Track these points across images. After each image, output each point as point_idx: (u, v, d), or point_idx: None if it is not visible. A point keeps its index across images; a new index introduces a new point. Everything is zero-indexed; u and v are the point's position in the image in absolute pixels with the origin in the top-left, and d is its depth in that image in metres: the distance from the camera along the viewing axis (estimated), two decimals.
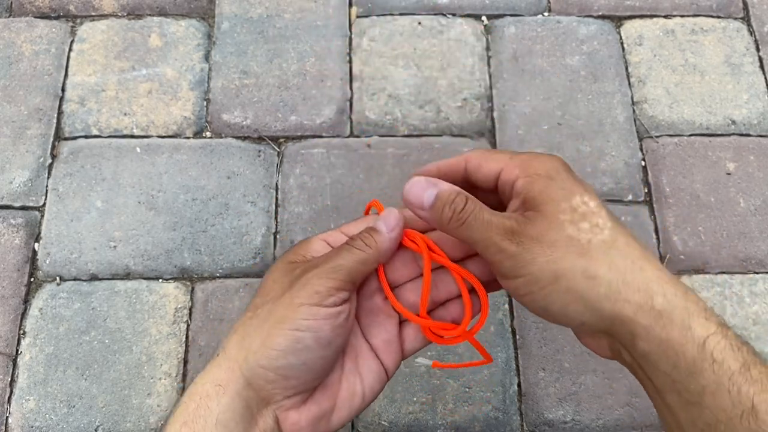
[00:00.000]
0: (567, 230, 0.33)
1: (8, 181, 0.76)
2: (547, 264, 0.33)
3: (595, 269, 0.33)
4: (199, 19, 0.86)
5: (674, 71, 0.83)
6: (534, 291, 0.34)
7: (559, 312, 0.34)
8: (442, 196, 0.36)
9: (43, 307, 0.70)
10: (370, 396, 0.39)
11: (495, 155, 0.38)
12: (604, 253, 0.33)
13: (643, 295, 0.32)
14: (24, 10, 0.85)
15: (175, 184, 0.76)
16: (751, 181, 0.78)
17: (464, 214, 0.35)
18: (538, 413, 0.67)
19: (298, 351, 0.34)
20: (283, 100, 0.81)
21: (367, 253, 0.37)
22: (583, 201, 0.34)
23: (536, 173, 0.35)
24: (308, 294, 0.35)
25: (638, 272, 0.33)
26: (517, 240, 0.33)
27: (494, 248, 0.34)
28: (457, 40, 0.85)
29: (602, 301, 0.32)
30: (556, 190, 0.35)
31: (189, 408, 0.34)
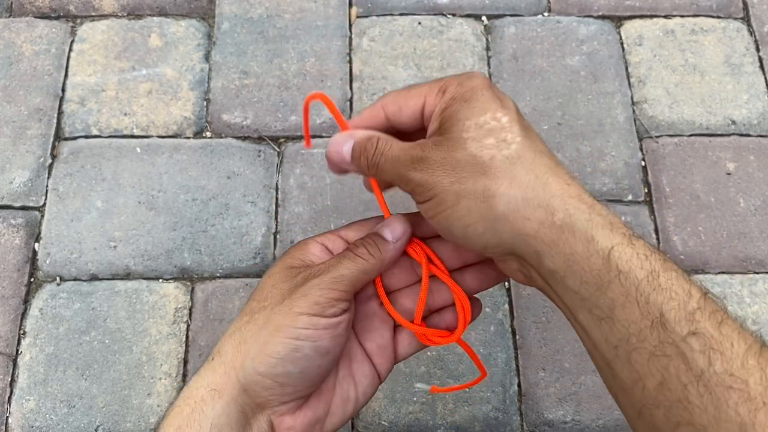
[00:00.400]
0: (470, 148, 0.33)
1: (8, 181, 0.76)
2: (450, 185, 0.33)
3: (495, 187, 0.32)
4: (199, 19, 0.86)
5: (674, 71, 0.83)
6: (439, 212, 0.33)
7: (460, 233, 0.33)
8: (357, 146, 0.36)
9: (43, 307, 0.70)
10: (363, 401, 0.39)
11: (413, 91, 0.36)
12: (506, 170, 0.32)
13: (543, 212, 0.31)
14: (24, 10, 0.85)
15: (175, 184, 0.76)
16: (751, 181, 0.78)
17: (376, 157, 0.35)
18: (538, 413, 0.67)
19: (297, 359, 0.34)
20: (283, 100, 0.81)
21: (370, 263, 0.36)
22: (493, 117, 0.33)
23: (453, 96, 0.34)
24: (308, 304, 0.34)
25: (541, 188, 0.32)
26: (421, 167, 0.33)
27: (403, 180, 0.34)
28: (457, 40, 0.85)
29: (500, 220, 0.32)
30: (466, 110, 0.34)
31: (184, 412, 0.34)
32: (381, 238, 0.37)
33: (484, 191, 0.32)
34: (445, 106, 0.34)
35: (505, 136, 0.33)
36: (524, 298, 0.72)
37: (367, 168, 0.36)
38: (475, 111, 0.33)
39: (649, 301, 0.29)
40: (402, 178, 0.34)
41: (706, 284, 0.73)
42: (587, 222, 0.31)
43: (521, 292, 0.72)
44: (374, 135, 0.36)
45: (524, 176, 0.32)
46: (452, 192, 0.32)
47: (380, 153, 0.35)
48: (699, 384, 0.27)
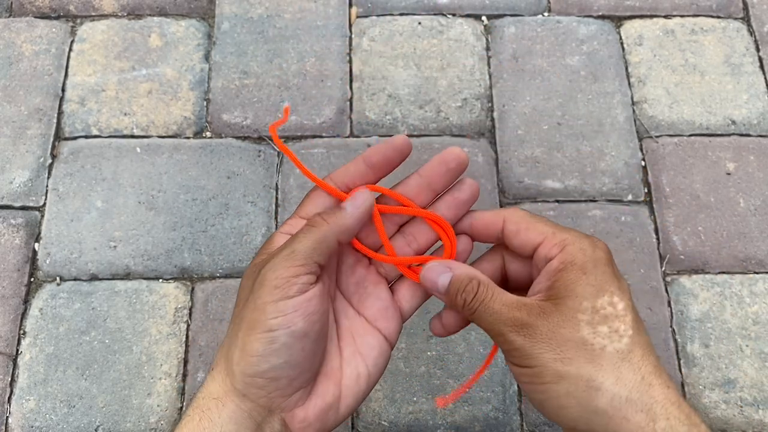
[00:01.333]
0: (582, 331, 0.32)
1: (8, 181, 0.76)
2: (553, 362, 0.32)
3: (601, 380, 0.31)
4: (199, 19, 0.86)
5: (674, 71, 0.83)
6: (535, 384, 0.33)
7: (553, 411, 0.33)
8: (454, 282, 0.36)
9: (43, 307, 0.70)
10: (376, 373, 0.38)
11: (537, 224, 0.36)
12: (614, 365, 0.32)
13: (644, 417, 0.31)
14: (24, 10, 0.85)
15: (175, 184, 0.76)
16: (751, 181, 0.78)
17: (474, 303, 0.35)
18: (538, 413, 0.67)
19: (276, 351, 0.33)
20: (283, 100, 0.81)
21: (324, 229, 0.35)
22: (610, 302, 0.33)
23: (572, 261, 0.34)
24: (269, 290, 0.33)
25: (645, 390, 0.31)
26: (524, 332, 0.33)
27: (502, 339, 0.34)
28: (457, 40, 0.85)
29: (600, 414, 0.31)
30: (584, 286, 0.33)
31: (194, 420, 0.34)
32: (338, 207, 0.36)
33: (589, 381, 0.31)
34: (561, 267, 0.34)
35: (618, 327, 0.32)
36: None
37: (461, 309, 0.35)
38: (593, 290, 0.33)
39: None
40: (500, 336, 0.34)
41: (706, 284, 0.73)
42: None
43: None
44: (476, 277, 0.35)
45: (630, 375, 0.32)
46: (554, 370, 0.32)
47: (479, 300, 0.35)
48: None
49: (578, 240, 0.35)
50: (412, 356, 0.69)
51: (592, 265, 0.34)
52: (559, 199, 0.76)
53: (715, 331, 0.71)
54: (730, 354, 0.70)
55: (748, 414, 0.67)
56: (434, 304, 0.71)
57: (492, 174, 0.77)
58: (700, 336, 0.70)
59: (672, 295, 0.72)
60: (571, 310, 0.33)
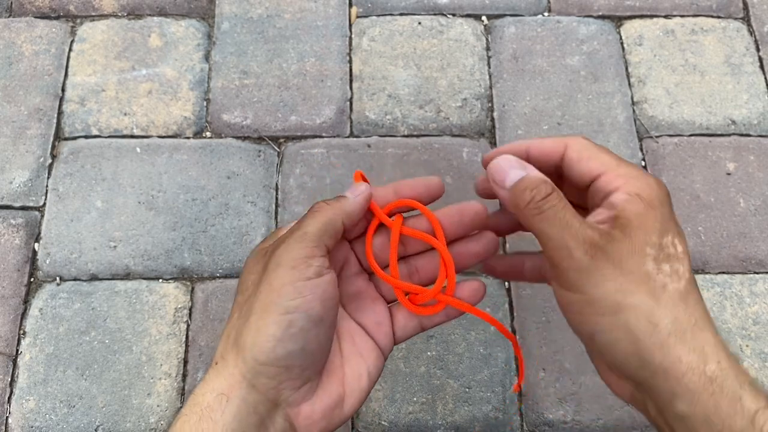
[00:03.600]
0: (648, 265, 0.31)
1: (8, 181, 0.76)
2: (614, 292, 0.31)
3: (661, 316, 0.31)
4: (199, 19, 0.86)
5: (674, 71, 0.83)
6: (588, 314, 0.32)
7: (606, 344, 0.32)
8: (527, 179, 0.34)
9: (43, 307, 0.70)
10: (375, 374, 0.38)
11: (601, 154, 0.35)
12: (674, 303, 0.31)
13: (697, 357, 0.30)
14: (24, 10, 0.85)
15: (175, 184, 0.76)
16: (751, 181, 0.78)
17: (545, 204, 0.33)
18: (538, 413, 0.67)
19: (293, 335, 0.32)
20: (283, 100, 0.81)
21: (328, 213, 0.35)
22: (673, 242, 0.32)
23: (639, 194, 0.33)
24: (285, 271, 0.33)
25: (698, 333, 0.31)
26: (593, 253, 0.31)
27: (565, 252, 0.32)
28: (457, 40, 0.85)
29: (655, 350, 0.31)
30: (652, 221, 0.32)
31: (191, 420, 0.33)
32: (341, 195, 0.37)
33: (649, 315, 0.31)
34: (628, 198, 0.33)
35: (678, 268, 0.32)
36: (524, 299, 0.72)
37: (526, 205, 0.33)
38: (660, 226, 0.32)
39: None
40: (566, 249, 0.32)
41: (706, 284, 0.73)
42: (736, 380, 0.30)
43: (521, 293, 0.72)
44: (551, 183, 0.34)
45: (686, 317, 0.31)
46: (613, 300, 0.31)
47: (551, 203, 0.33)
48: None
49: (644, 175, 0.34)
50: (412, 356, 0.69)
51: (659, 202, 0.33)
52: None
53: None
54: None
55: None
56: None
57: None
58: None
59: None
60: (640, 242, 0.32)
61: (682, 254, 0.32)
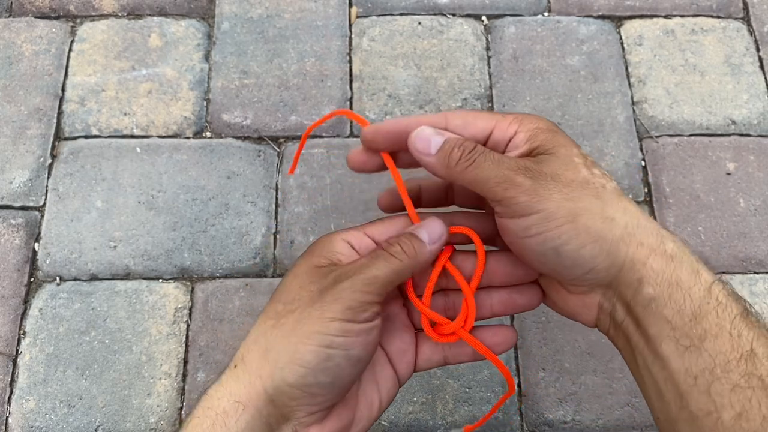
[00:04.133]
0: (582, 172, 0.33)
1: (8, 181, 0.76)
2: (564, 201, 0.32)
3: (613, 212, 0.33)
4: (199, 19, 0.86)
5: (674, 71, 0.83)
6: (549, 229, 0.32)
7: (573, 252, 0.32)
8: (451, 139, 0.35)
9: (43, 307, 0.70)
10: (386, 404, 0.38)
11: (481, 114, 0.36)
12: (617, 198, 0.33)
13: (655, 239, 0.32)
14: (24, 10, 0.85)
15: (175, 184, 0.76)
16: (751, 181, 0.78)
17: (474, 154, 0.34)
18: (538, 413, 0.67)
19: (328, 369, 0.32)
20: (283, 100, 0.81)
21: (404, 263, 0.34)
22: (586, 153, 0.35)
23: (537, 127, 0.35)
24: (341, 308, 0.32)
25: (646, 221, 0.33)
26: (531, 174, 0.33)
27: (507, 183, 0.33)
28: (457, 40, 0.85)
29: (618, 242, 0.32)
30: (563, 138, 0.35)
31: (204, 424, 0.33)
32: (417, 239, 0.35)
33: (602, 212, 0.32)
34: (531, 134, 0.35)
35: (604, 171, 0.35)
36: None
37: (457, 161, 0.34)
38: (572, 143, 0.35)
39: (741, 335, 0.31)
40: (507, 180, 0.33)
41: None
42: (692, 255, 0.33)
43: None
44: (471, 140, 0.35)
45: (632, 207, 0.33)
46: (566, 208, 0.32)
47: (479, 151, 0.34)
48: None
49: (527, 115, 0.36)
50: None
51: (555, 128, 0.36)
52: None
53: None
54: None
55: None
56: None
57: None
58: None
59: None
60: (566, 156, 0.34)
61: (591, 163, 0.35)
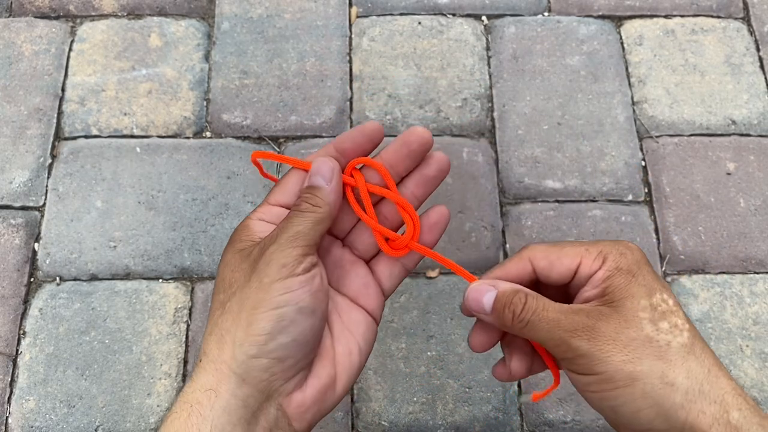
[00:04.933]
0: (646, 329, 0.32)
1: (8, 181, 0.76)
2: (623, 364, 0.32)
3: (674, 375, 0.31)
4: (199, 19, 0.86)
5: (674, 71, 0.83)
6: (606, 390, 0.32)
7: (629, 415, 0.32)
8: (500, 298, 0.35)
9: (43, 307, 0.70)
10: (366, 348, 0.38)
11: (566, 249, 0.36)
12: (682, 358, 0.32)
13: (718, 408, 0.31)
14: (24, 10, 0.85)
15: (175, 184, 0.76)
16: (751, 181, 0.78)
17: (525, 314, 0.34)
18: (538, 413, 0.67)
19: (285, 328, 0.33)
20: (283, 100, 0.81)
21: (318, 213, 0.35)
22: (663, 299, 0.33)
23: (618, 267, 0.34)
24: (276, 269, 0.33)
25: (714, 381, 0.32)
26: (588, 336, 0.32)
27: (564, 347, 0.33)
28: (457, 40, 0.85)
29: (677, 410, 0.31)
30: (637, 287, 0.33)
31: (181, 417, 0.33)
32: (315, 187, 0.36)
33: (662, 377, 0.31)
34: (609, 274, 0.34)
35: (677, 322, 0.33)
36: None
37: (511, 322, 0.34)
38: (645, 290, 0.33)
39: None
40: (564, 344, 0.33)
41: (706, 284, 0.73)
42: (759, 426, 0.31)
43: None
44: (521, 289, 0.35)
45: (698, 368, 0.32)
46: (625, 372, 0.32)
47: (531, 310, 0.34)
48: None
49: (615, 246, 0.35)
50: (412, 356, 0.69)
51: (637, 268, 0.34)
52: (559, 199, 0.76)
53: (716, 331, 0.71)
54: (731, 354, 0.70)
55: None
56: (435, 302, 0.71)
57: (492, 174, 0.77)
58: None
59: None
60: (630, 310, 0.33)
61: (674, 307, 0.33)
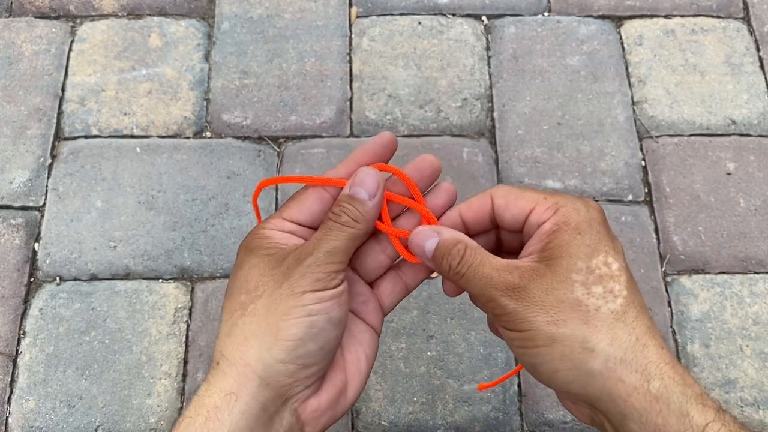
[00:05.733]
0: (576, 292, 0.32)
1: (8, 181, 0.76)
2: (546, 325, 0.32)
3: (596, 341, 0.31)
4: (199, 19, 0.86)
5: (674, 71, 0.83)
6: (528, 347, 0.33)
7: (548, 374, 0.33)
8: (441, 246, 0.35)
9: (43, 307, 0.70)
10: (372, 355, 0.39)
11: (525, 193, 0.35)
12: (609, 325, 0.31)
13: (639, 377, 0.31)
14: (24, 10, 0.85)
15: (175, 184, 0.76)
16: (751, 181, 0.78)
17: (461, 267, 0.34)
18: (538, 413, 0.67)
19: (315, 335, 0.34)
20: (283, 100, 0.81)
21: (357, 228, 0.35)
22: (605, 261, 0.32)
23: (566, 222, 0.33)
24: (311, 281, 0.34)
25: (640, 350, 0.31)
26: (517, 296, 0.32)
27: (493, 302, 0.33)
28: (457, 40, 0.85)
29: (595, 375, 0.31)
30: (578, 246, 0.33)
31: (196, 422, 0.33)
32: (357, 200, 0.36)
33: (583, 342, 0.31)
34: (555, 228, 0.33)
35: (613, 287, 0.32)
36: None
37: (448, 273, 0.35)
38: (587, 250, 0.33)
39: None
40: (490, 301, 0.33)
41: (706, 284, 0.73)
42: (682, 395, 0.31)
43: None
44: (462, 240, 0.35)
45: (625, 336, 0.31)
46: (547, 333, 0.32)
47: (467, 264, 0.34)
48: None
49: (571, 201, 0.34)
50: (412, 356, 0.69)
51: (587, 225, 0.33)
52: None
53: (716, 332, 0.71)
54: (731, 354, 0.70)
55: (748, 414, 0.67)
56: (435, 302, 0.71)
57: (492, 174, 0.77)
58: (700, 336, 0.70)
59: (672, 295, 0.72)
60: (564, 270, 0.32)
61: (617, 271, 0.33)
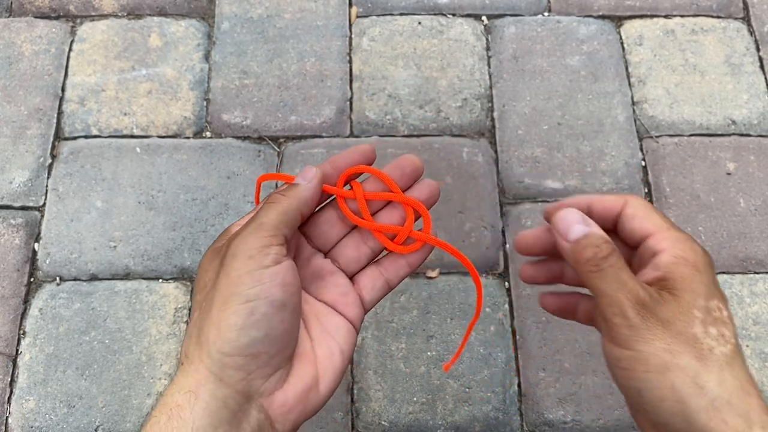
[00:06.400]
0: (695, 328, 0.32)
1: (8, 181, 0.76)
2: (662, 351, 0.32)
3: (707, 379, 0.32)
4: (199, 19, 0.86)
5: (674, 71, 0.83)
6: (636, 370, 0.33)
7: (653, 402, 0.33)
8: (591, 236, 0.35)
9: (43, 307, 0.70)
10: (348, 350, 0.38)
11: (654, 215, 0.36)
12: (719, 367, 0.32)
13: (742, 422, 0.31)
14: (24, 10, 0.85)
15: (175, 184, 0.76)
16: (751, 181, 0.78)
17: (604, 262, 0.34)
18: (538, 413, 0.67)
19: (256, 322, 0.33)
20: (283, 100, 0.81)
21: (286, 202, 0.35)
22: (718, 306, 0.33)
23: (685, 258, 0.34)
24: (243, 261, 0.33)
25: (744, 397, 0.32)
26: (643, 313, 0.33)
27: (618, 310, 0.33)
28: (457, 40, 0.85)
29: (701, 412, 0.31)
30: (699, 284, 0.33)
31: (160, 421, 0.32)
32: (293, 184, 0.37)
33: (695, 377, 0.32)
34: (675, 261, 0.34)
35: (725, 332, 0.33)
36: (524, 298, 0.72)
37: (587, 261, 0.35)
38: (706, 290, 0.33)
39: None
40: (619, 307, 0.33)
41: None
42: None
43: (521, 293, 0.72)
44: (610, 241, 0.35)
45: (732, 381, 0.32)
46: (662, 359, 0.32)
47: (611, 264, 0.34)
48: None
49: (690, 240, 0.35)
50: (412, 356, 0.69)
51: (703, 266, 0.34)
52: (560, 200, 0.76)
53: None
54: None
55: None
56: (435, 302, 0.71)
57: (492, 174, 0.77)
58: None
59: None
60: (688, 304, 0.33)
61: (727, 319, 0.33)
